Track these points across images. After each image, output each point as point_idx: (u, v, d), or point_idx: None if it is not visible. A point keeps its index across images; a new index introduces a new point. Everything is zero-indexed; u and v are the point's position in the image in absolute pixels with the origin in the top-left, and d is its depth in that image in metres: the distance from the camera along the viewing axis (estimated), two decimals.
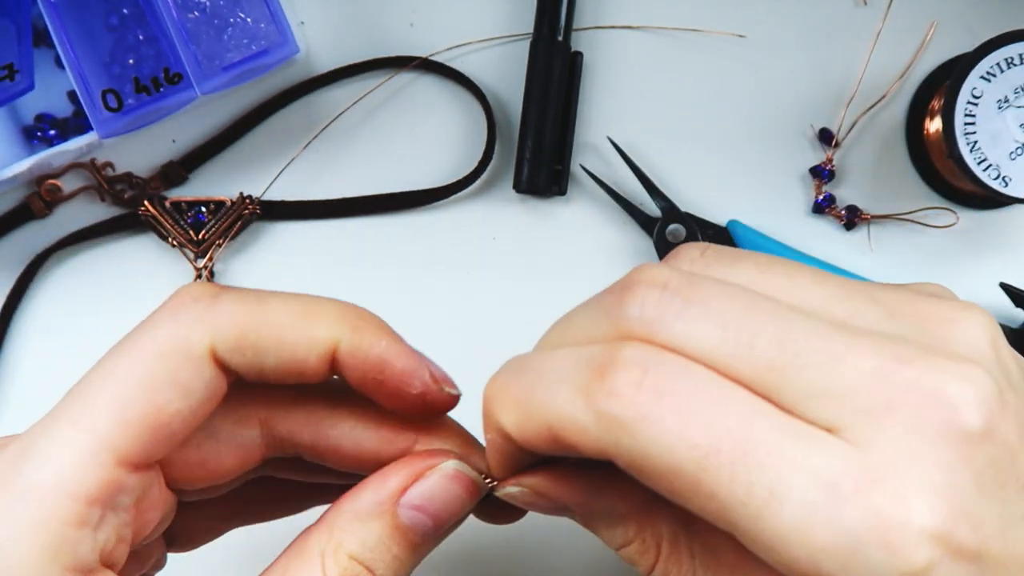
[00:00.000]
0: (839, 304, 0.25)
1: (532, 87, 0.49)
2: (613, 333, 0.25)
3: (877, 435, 0.22)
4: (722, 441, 0.23)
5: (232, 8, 0.45)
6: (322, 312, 0.29)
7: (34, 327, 0.50)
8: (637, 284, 0.25)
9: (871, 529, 0.22)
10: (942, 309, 0.25)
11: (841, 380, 0.23)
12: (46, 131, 0.50)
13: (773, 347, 0.23)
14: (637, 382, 0.23)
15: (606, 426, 0.23)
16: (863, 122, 0.50)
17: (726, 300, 0.24)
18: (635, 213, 0.49)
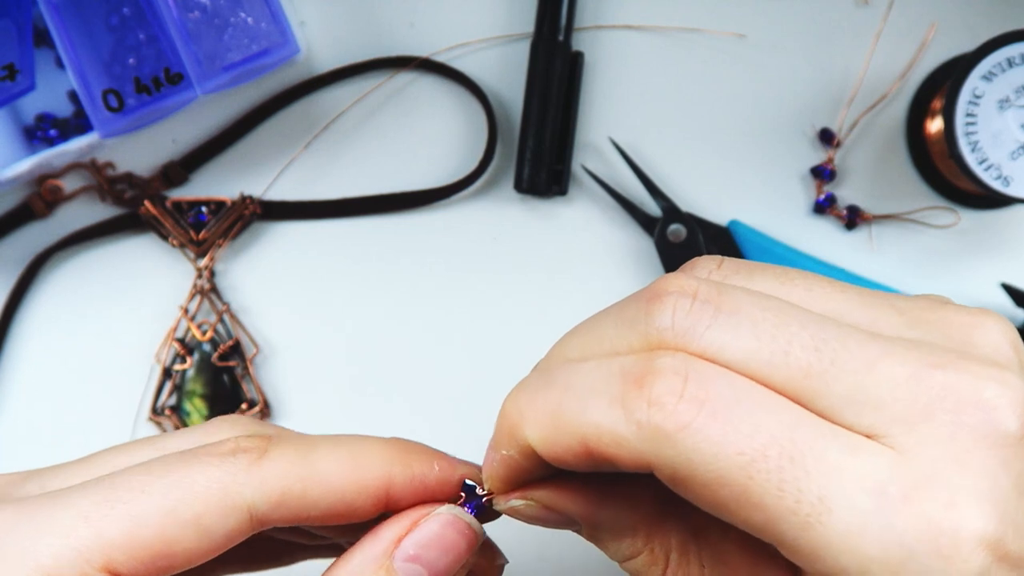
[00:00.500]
0: (862, 311, 0.25)
1: (533, 87, 0.49)
2: (643, 344, 0.24)
3: (918, 440, 0.22)
4: (768, 447, 0.22)
5: (233, 8, 0.45)
6: (371, 455, 0.28)
7: (34, 327, 0.50)
8: (666, 294, 0.24)
9: (923, 537, 0.22)
10: (961, 315, 0.25)
11: (878, 386, 0.23)
12: (47, 131, 0.50)
13: (809, 353, 0.23)
14: (678, 391, 0.23)
15: (648, 436, 0.23)
16: (864, 122, 0.50)
17: (757, 308, 0.24)
18: (636, 213, 0.49)
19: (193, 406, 0.50)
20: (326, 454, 0.27)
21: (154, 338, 0.50)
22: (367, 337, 0.50)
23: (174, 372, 0.50)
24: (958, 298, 0.49)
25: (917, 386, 0.23)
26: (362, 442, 0.28)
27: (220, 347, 0.49)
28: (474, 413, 0.50)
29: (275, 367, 0.50)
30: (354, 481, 0.27)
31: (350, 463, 0.27)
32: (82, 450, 0.50)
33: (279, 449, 0.27)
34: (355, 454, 0.28)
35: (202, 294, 0.50)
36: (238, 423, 0.30)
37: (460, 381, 0.50)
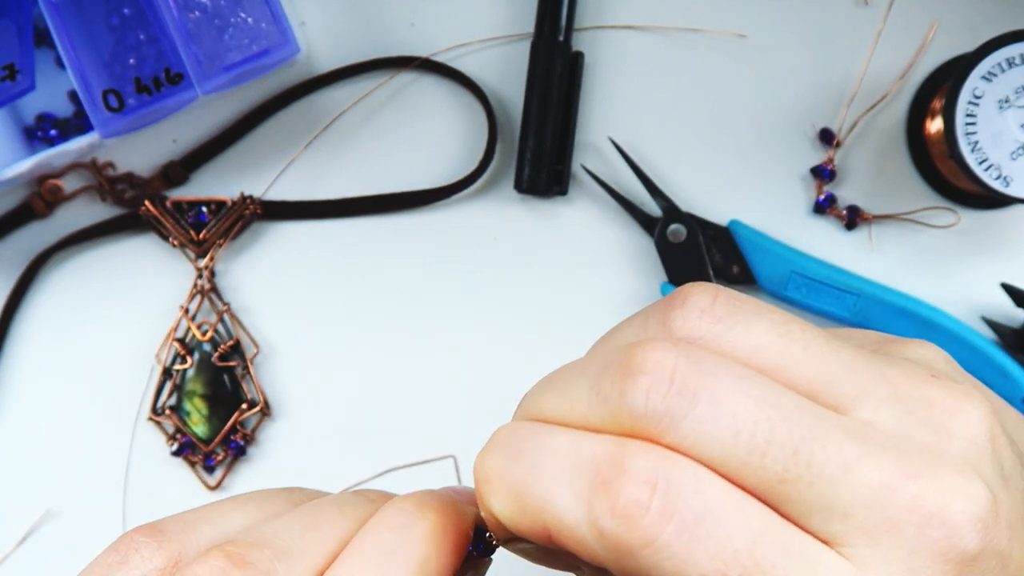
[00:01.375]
0: (852, 379, 0.24)
1: (533, 87, 0.49)
2: (615, 425, 0.23)
3: (878, 554, 0.22)
4: (730, 568, 0.22)
5: (233, 8, 0.45)
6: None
7: (35, 327, 0.50)
8: (640, 373, 0.23)
9: None
10: (945, 396, 0.24)
11: (850, 494, 0.22)
12: (47, 131, 0.50)
13: (787, 456, 0.22)
14: (645, 504, 0.22)
15: (609, 545, 0.22)
16: (864, 122, 0.50)
17: (738, 396, 0.23)
18: (636, 213, 0.49)
19: (193, 406, 0.49)
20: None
21: (154, 338, 0.50)
22: (367, 337, 0.50)
23: (174, 372, 0.50)
24: (958, 298, 0.49)
25: (888, 497, 0.22)
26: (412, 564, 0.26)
27: (220, 347, 0.49)
28: (474, 413, 0.50)
29: (275, 367, 0.50)
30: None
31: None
32: (82, 451, 0.50)
33: None
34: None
35: (202, 294, 0.50)
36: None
37: (460, 381, 0.50)
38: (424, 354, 0.50)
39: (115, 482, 0.50)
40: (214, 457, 0.50)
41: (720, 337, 0.24)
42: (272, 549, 0.25)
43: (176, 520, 0.26)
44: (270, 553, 0.24)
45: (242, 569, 0.24)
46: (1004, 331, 0.48)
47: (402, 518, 0.26)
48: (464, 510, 0.27)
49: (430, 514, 0.26)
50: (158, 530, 0.26)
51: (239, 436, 0.50)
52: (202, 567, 0.24)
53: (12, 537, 0.50)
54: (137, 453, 0.50)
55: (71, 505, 0.50)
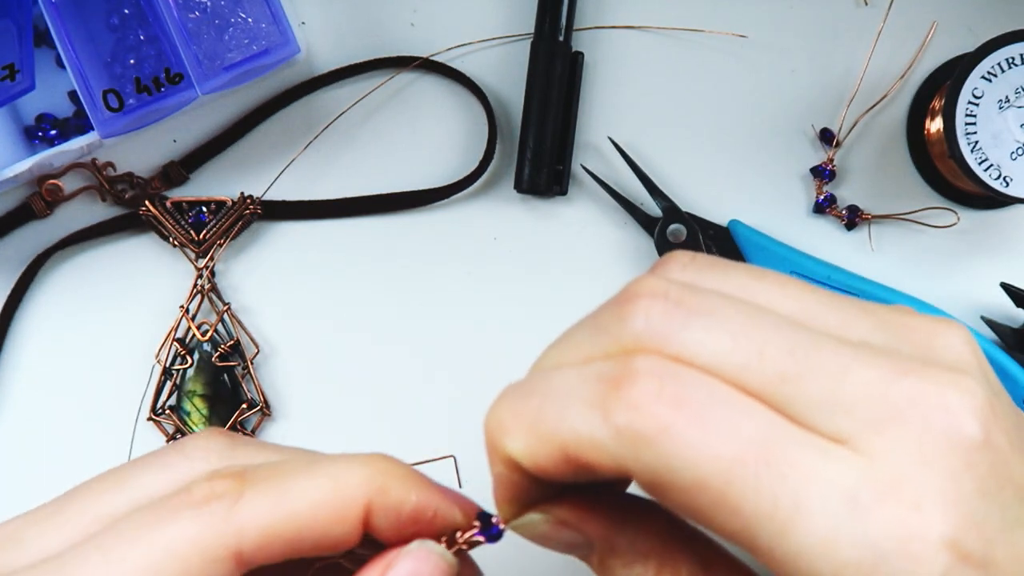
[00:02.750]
0: (833, 313, 0.25)
1: (533, 87, 0.49)
2: (618, 348, 0.24)
3: (886, 445, 0.23)
4: (745, 452, 0.22)
5: (233, 8, 0.45)
6: (349, 484, 0.27)
7: (34, 327, 0.50)
8: (637, 296, 0.24)
9: (893, 540, 0.22)
10: (926, 323, 0.25)
11: (849, 391, 0.23)
12: (47, 131, 0.50)
13: (783, 356, 0.23)
14: (655, 393, 0.23)
15: (626, 441, 0.23)
16: (864, 122, 0.50)
17: (731, 309, 0.24)
18: (636, 213, 0.49)
19: (193, 406, 0.50)
20: (304, 486, 0.26)
21: (154, 338, 0.50)
22: (367, 337, 0.50)
23: (174, 372, 0.50)
24: (958, 298, 0.49)
25: (886, 391, 0.23)
26: (340, 467, 0.27)
27: (220, 347, 0.49)
28: (474, 413, 0.50)
29: (275, 367, 0.50)
30: (334, 513, 0.26)
31: (329, 494, 0.26)
32: (82, 451, 0.50)
33: (255, 489, 0.26)
34: (333, 483, 0.27)
35: (202, 294, 0.50)
36: (209, 449, 0.28)
37: (460, 381, 0.50)
38: (424, 354, 0.50)
39: None
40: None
41: (699, 277, 0.25)
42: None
43: (250, 444, 0.29)
44: None
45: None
46: (1004, 331, 0.48)
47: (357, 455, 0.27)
48: (421, 481, 0.28)
49: (376, 456, 0.27)
50: (233, 442, 0.29)
51: None
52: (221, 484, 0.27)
53: None
54: (137, 453, 0.50)
55: None
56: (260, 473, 0.27)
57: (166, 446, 0.29)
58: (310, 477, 0.26)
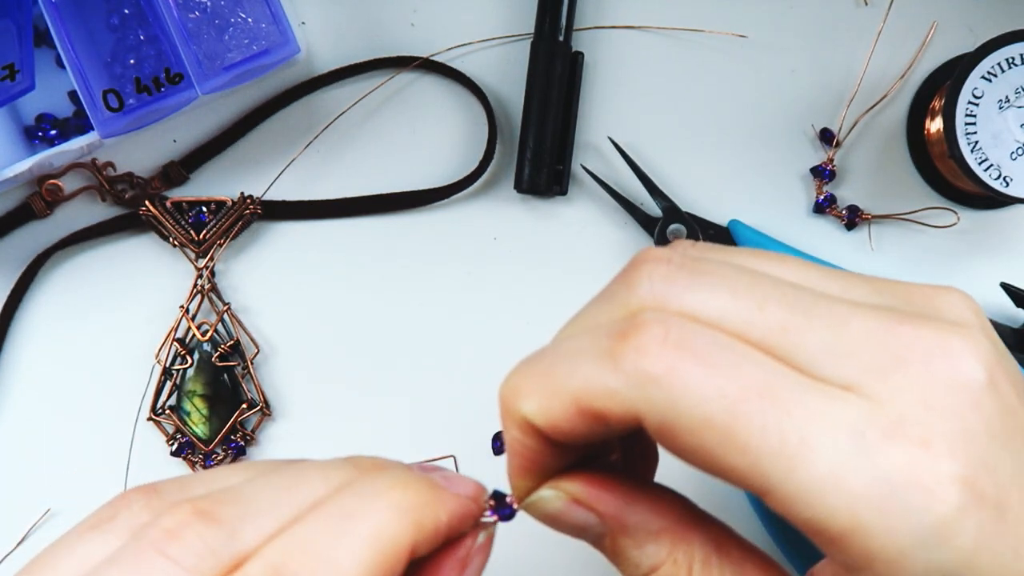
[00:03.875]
0: (832, 282, 0.26)
1: (533, 87, 0.49)
2: (625, 312, 0.25)
3: (891, 388, 0.23)
4: (750, 390, 0.23)
5: (233, 8, 0.45)
6: (390, 542, 0.25)
7: (34, 327, 0.50)
8: (641, 263, 0.25)
9: (904, 473, 0.22)
10: (925, 287, 0.26)
11: (851, 339, 0.23)
12: (47, 131, 0.50)
13: (783, 309, 0.24)
14: (661, 337, 0.23)
15: (635, 383, 0.23)
16: (864, 122, 0.50)
17: (731, 271, 0.25)
18: (636, 213, 0.49)
19: (193, 406, 0.49)
20: (348, 558, 0.24)
21: (154, 338, 0.50)
22: (367, 337, 0.50)
23: (174, 372, 0.50)
24: None
25: (887, 338, 0.23)
26: (374, 524, 0.25)
27: (220, 347, 0.49)
28: (474, 412, 0.50)
29: (275, 367, 0.50)
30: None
31: (375, 564, 0.24)
32: (82, 451, 0.50)
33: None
34: (374, 548, 0.24)
35: (202, 294, 0.50)
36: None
37: (460, 381, 0.50)
38: (424, 354, 0.50)
39: (115, 482, 0.50)
40: (214, 457, 0.50)
41: (704, 254, 0.26)
42: (243, 506, 0.25)
43: (173, 481, 0.27)
44: (239, 510, 0.25)
45: (206, 524, 0.24)
46: (1004, 331, 0.49)
47: (372, 486, 0.26)
48: (444, 495, 0.27)
49: (399, 488, 0.26)
50: (153, 489, 0.26)
51: (239, 436, 0.50)
52: (170, 519, 0.24)
53: (12, 537, 0.50)
54: (137, 453, 0.50)
55: (72, 505, 0.50)
56: (298, 559, 0.24)
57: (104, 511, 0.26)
58: (349, 546, 0.24)
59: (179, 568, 0.23)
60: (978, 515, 0.22)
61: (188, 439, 0.50)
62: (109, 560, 0.24)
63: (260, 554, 0.24)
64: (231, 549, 0.24)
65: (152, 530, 0.24)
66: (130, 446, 0.50)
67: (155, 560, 0.23)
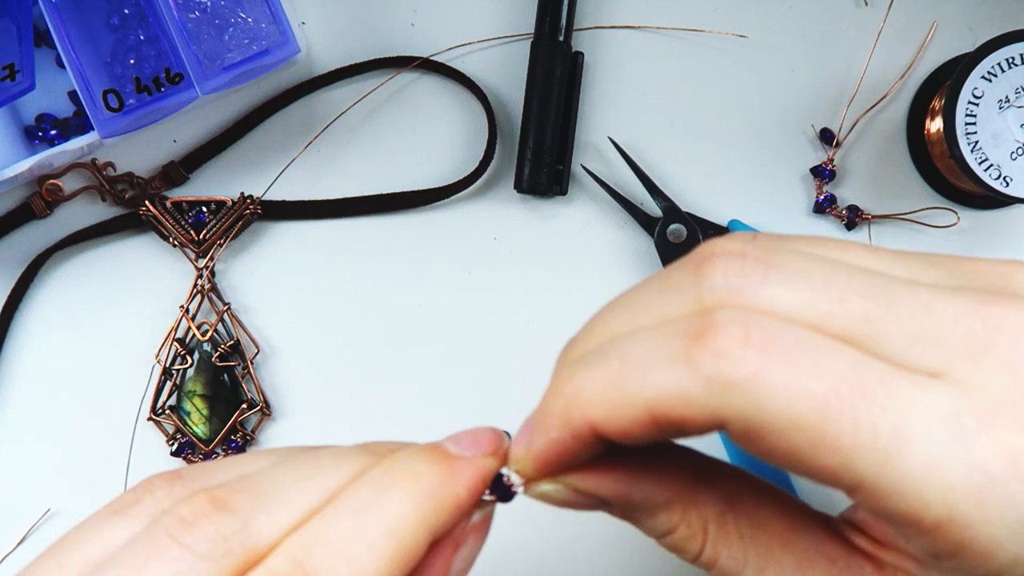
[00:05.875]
0: (900, 266, 0.25)
1: (533, 87, 0.49)
2: (696, 307, 0.24)
3: (982, 373, 0.22)
4: (839, 387, 0.22)
5: (233, 8, 0.45)
6: (411, 537, 0.25)
7: (34, 327, 0.50)
8: (714, 256, 0.24)
9: (1003, 462, 0.22)
10: (994, 264, 0.25)
11: (937, 324, 0.23)
12: (47, 131, 0.50)
13: (864, 299, 0.23)
14: (742, 339, 0.22)
15: (717, 389, 0.22)
16: (864, 122, 0.50)
17: (807, 263, 0.24)
18: (636, 213, 0.49)
19: (193, 406, 0.49)
20: (371, 556, 0.25)
21: (154, 338, 0.50)
22: (368, 337, 0.50)
23: (174, 372, 0.50)
24: None
25: (973, 321, 0.23)
26: (395, 518, 0.25)
27: (220, 347, 0.49)
28: (474, 412, 0.50)
29: (275, 367, 0.50)
30: (412, 563, 0.26)
31: (399, 560, 0.25)
32: (82, 451, 0.50)
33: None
34: (397, 544, 0.25)
35: (202, 294, 0.50)
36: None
37: (460, 381, 0.50)
38: (424, 354, 0.50)
39: (115, 482, 0.50)
40: (214, 457, 0.50)
41: (771, 245, 0.25)
42: (258, 496, 0.25)
43: (196, 468, 0.27)
44: (254, 500, 0.25)
45: (220, 512, 0.24)
46: None
47: (388, 476, 0.26)
48: (460, 469, 0.27)
49: (413, 476, 0.26)
50: (176, 476, 0.27)
51: (239, 436, 0.50)
52: (186, 507, 0.25)
53: (12, 537, 0.50)
54: (137, 453, 0.50)
55: (71, 505, 0.50)
56: (319, 553, 0.25)
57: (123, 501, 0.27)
58: (371, 545, 0.25)
59: (191, 555, 0.24)
60: None
61: (188, 439, 0.50)
62: (128, 545, 0.25)
63: (281, 548, 0.24)
64: (244, 538, 0.24)
65: (168, 517, 0.24)
66: (130, 446, 0.50)
67: (169, 546, 0.24)
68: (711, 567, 0.27)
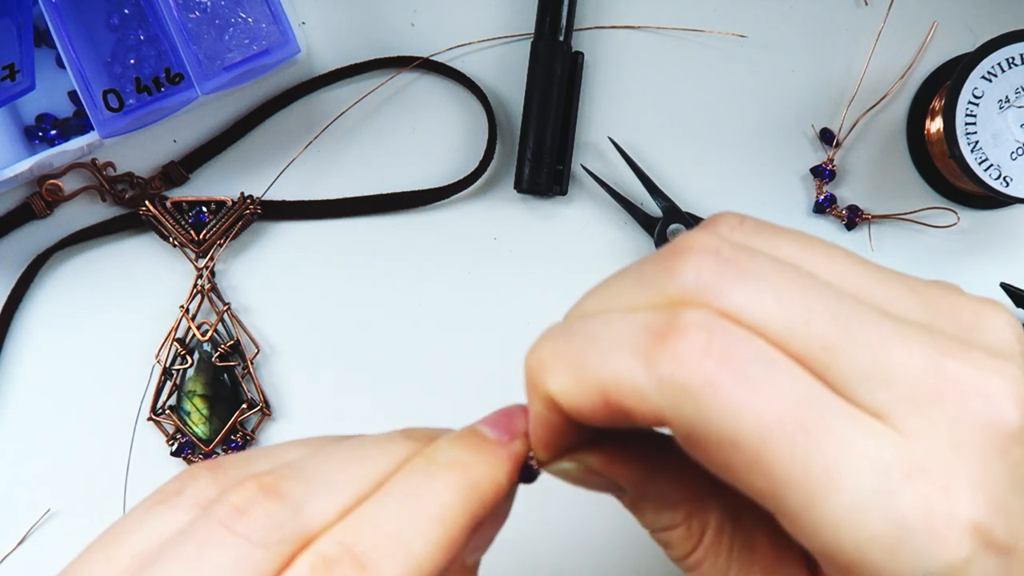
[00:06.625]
0: (879, 287, 0.25)
1: (533, 87, 0.49)
2: (664, 300, 0.24)
3: (922, 424, 0.23)
4: (785, 416, 0.22)
5: (233, 8, 0.45)
6: (458, 530, 0.26)
7: (34, 327, 0.50)
8: (688, 250, 0.24)
9: (920, 518, 0.22)
10: (972, 303, 0.25)
11: (891, 366, 0.23)
12: (47, 131, 0.50)
13: (828, 325, 0.23)
14: (703, 346, 0.22)
15: (668, 392, 0.22)
16: (864, 122, 0.50)
17: (780, 274, 0.24)
18: (636, 213, 0.49)
19: (193, 406, 0.50)
20: (423, 547, 0.25)
21: (154, 338, 0.50)
22: (367, 337, 0.50)
23: (174, 372, 0.50)
24: None
25: (926, 369, 0.23)
26: (438, 509, 0.25)
27: (220, 347, 0.49)
28: (474, 412, 0.50)
29: (275, 367, 0.50)
30: (454, 554, 0.26)
31: (445, 553, 0.25)
32: (82, 451, 0.50)
33: (376, 565, 0.24)
34: (445, 535, 0.25)
35: (202, 294, 0.50)
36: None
37: (461, 381, 0.50)
38: (424, 354, 0.50)
39: (115, 482, 0.50)
40: (214, 457, 0.50)
41: (749, 240, 0.25)
42: (307, 482, 0.25)
43: (236, 457, 0.27)
44: (303, 486, 0.25)
45: (271, 499, 0.24)
46: None
47: (433, 464, 0.26)
48: (501, 455, 0.27)
49: (458, 466, 0.26)
50: (217, 465, 0.27)
51: (239, 436, 0.50)
52: (236, 495, 0.24)
53: (12, 537, 0.50)
54: (137, 453, 0.50)
55: (71, 505, 0.50)
56: (369, 538, 0.25)
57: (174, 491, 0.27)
58: (417, 527, 0.25)
59: (248, 543, 0.24)
60: (985, 562, 0.22)
61: (188, 439, 0.50)
62: (179, 535, 0.24)
63: (331, 532, 0.24)
64: (297, 524, 0.24)
65: (220, 506, 0.24)
66: (130, 446, 0.50)
67: (224, 536, 0.24)
68: (691, 570, 0.28)
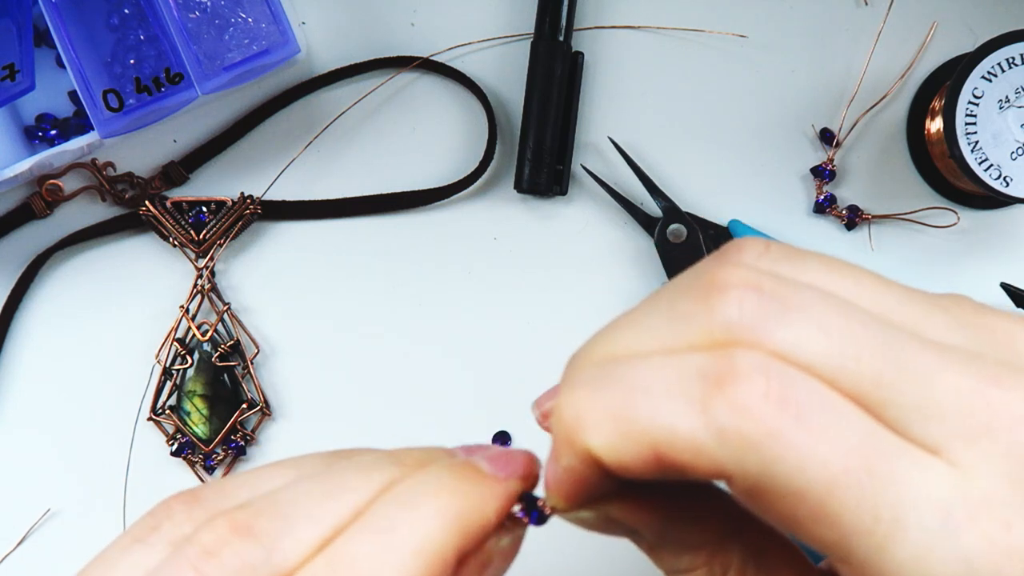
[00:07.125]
0: (909, 308, 0.24)
1: (533, 87, 0.49)
2: (707, 340, 0.22)
3: (977, 458, 0.22)
4: (850, 460, 0.21)
5: (233, 8, 0.45)
6: (436, 555, 0.25)
7: (34, 327, 0.50)
8: (728, 287, 0.23)
9: (983, 556, 0.21)
10: (1003, 322, 0.24)
11: (939, 397, 0.22)
12: (47, 131, 0.50)
13: (878, 360, 0.22)
14: (762, 393, 0.21)
15: (729, 443, 0.21)
16: (864, 122, 0.50)
17: (824, 307, 0.22)
18: (636, 213, 0.49)
19: (193, 406, 0.49)
20: (393, 563, 0.24)
21: (154, 338, 0.50)
22: (367, 337, 0.50)
23: (174, 372, 0.50)
24: None
25: (976, 401, 0.22)
26: (416, 535, 0.24)
27: (220, 347, 0.49)
28: (475, 412, 0.50)
29: (275, 367, 0.50)
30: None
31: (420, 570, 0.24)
32: (82, 450, 0.50)
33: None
34: (420, 560, 0.24)
35: (202, 294, 0.50)
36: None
37: (461, 381, 0.50)
38: (424, 354, 0.50)
39: (115, 482, 0.50)
40: (214, 457, 0.50)
41: (775, 268, 0.24)
42: (283, 518, 0.24)
43: (214, 486, 0.26)
44: (279, 523, 0.24)
45: (243, 539, 0.24)
46: None
47: (416, 491, 0.25)
48: (493, 490, 0.26)
49: (444, 493, 0.25)
50: (194, 497, 0.26)
51: (239, 436, 0.50)
52: (207, 534, 0.24)
53: (12, 537, 0.50)
54: (137, 453, 0.50)
55: (71, 505, 0.50)
56: (332, 564, 0.24)
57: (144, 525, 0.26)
58: (394, 562, 0.24)
59: None
60: None
61: (188, 439, 0.50)
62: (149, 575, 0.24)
63: (306, 569, 0.23)
64: (270, 565, 0.23)
65: (191, 547, 0.24)
66: (130, 446, 0.50)
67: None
68: None
